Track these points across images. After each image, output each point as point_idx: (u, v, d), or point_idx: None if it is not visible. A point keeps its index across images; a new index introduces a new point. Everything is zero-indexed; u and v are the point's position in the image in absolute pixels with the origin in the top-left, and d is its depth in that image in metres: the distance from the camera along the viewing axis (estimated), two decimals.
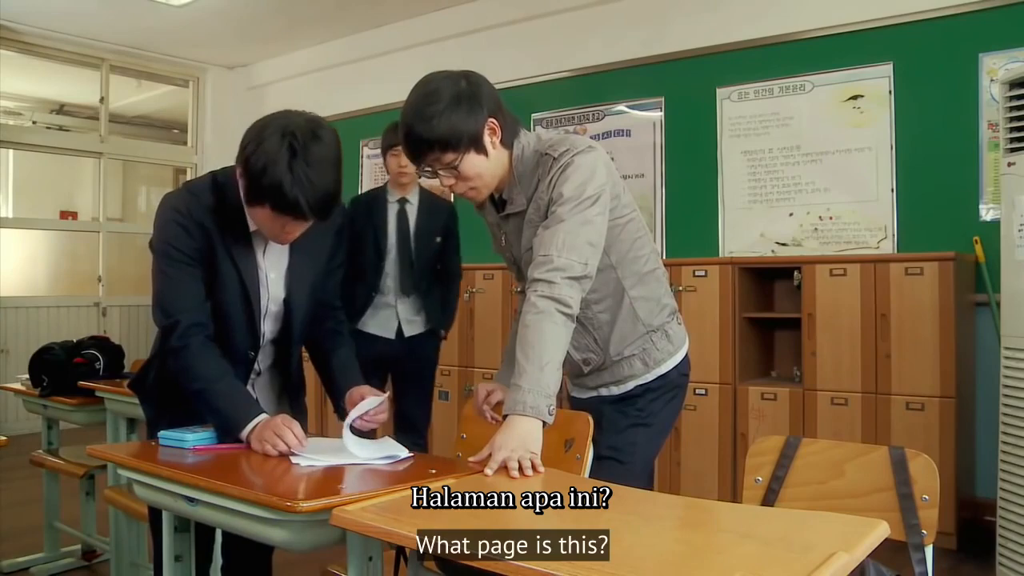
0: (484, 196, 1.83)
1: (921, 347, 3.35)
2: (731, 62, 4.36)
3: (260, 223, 1.74)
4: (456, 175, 1.74)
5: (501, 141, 1.77)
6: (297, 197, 1.61)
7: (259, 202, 1.66)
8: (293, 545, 1.35)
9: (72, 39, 6.05)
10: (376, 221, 3.36)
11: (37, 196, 7.48)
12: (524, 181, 1.79)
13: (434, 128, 1.68)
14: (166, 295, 1.74)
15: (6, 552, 3.17)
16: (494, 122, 1.75)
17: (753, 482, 1.64)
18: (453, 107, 1.69)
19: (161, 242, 1.74)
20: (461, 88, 1.73)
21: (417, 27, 5.59)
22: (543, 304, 1.61)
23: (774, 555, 1.06)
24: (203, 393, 1.71)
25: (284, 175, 1.60)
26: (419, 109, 1.70)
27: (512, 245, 1.90)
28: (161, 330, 1.76)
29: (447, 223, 3.46)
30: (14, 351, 5.75)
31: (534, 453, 1.51)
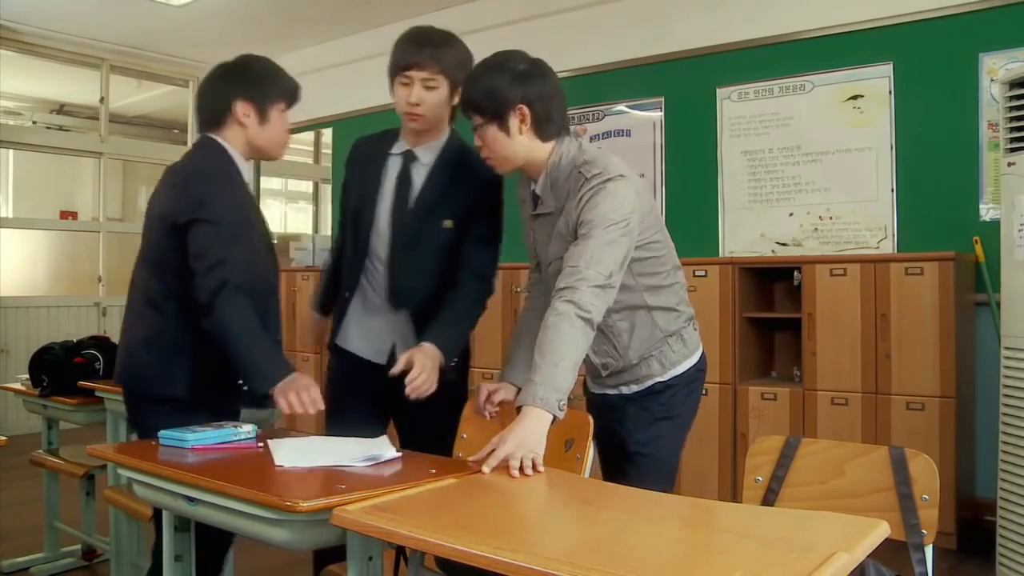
0: (504, 170, 1.97)
1: (921, 347, 3.35)
2: (731, 62, 4.36)
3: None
4: (482, 139, 1.91)
5: (533, 130, 1.86)
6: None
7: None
8: (293, 545, 1.35)
9: (72, 39, 6.05)
10: (366, 181, 2.21)
11: (37, 196, 7.48)
12: (556, 187, 1.87)
13: (470, 89, 1.90)
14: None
15: (6, 552, 3.17)
16: (524, 109, 1.83)
17: (753, 482, 1.64)
18: (494, 78, 1.86)
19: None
20: (515, 67, 1.86)
21: None
22: (563, 307, 1.68)
23: (774, 555, 1.06)
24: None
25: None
26: (477, 68, 1.93)
27: (538, 244, 1.99)
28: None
29: (474, 198, 2.16)
30: (14, 351, 5.75)
31: (536, 453, 1.53)
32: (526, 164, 1.91)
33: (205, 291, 1.90)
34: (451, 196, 2.14)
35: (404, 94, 2.10)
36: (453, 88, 2.08)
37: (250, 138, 2.09)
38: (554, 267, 1.87)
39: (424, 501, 1.33)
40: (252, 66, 2.13)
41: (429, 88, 2.07)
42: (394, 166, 2.18)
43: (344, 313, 2.23)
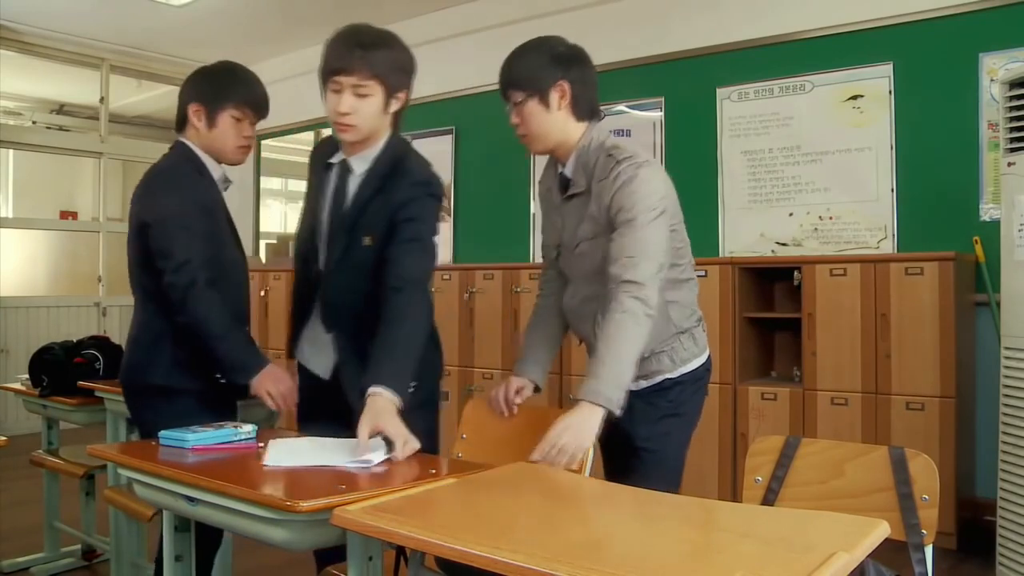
0: (535, 149, 1.97)
1: (921, 347, 3.35)
2: (731, 62, 4.36)
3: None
4: (520, 115, 1.91)
5: (570, 108, 1.90)
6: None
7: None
8: (293, 545, 1.35)
9: (72, 39, 6.05)
10: (312, 191, 2.14)
11: (37, 196, 7.48)
12: (586, 169, 1.90)
13: (511, 66, 1.91)
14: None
15: (6, 552, 3.17)
16: (566, 85, 1.88)
17: (753, 482, 1.64)
18: (536, 55, 1.90)
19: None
20: (557, 48, 1.92)
21: (417, 27, 5.58)
22: (631, 304, 1.74)
23: (774, 555, 1.06)
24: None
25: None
26: (517, 49, 1.94)
27: (565, 229, 1.97)
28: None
29: (398, 207, 1.96)
30: (14, 351, 5.74)
31: (586, 450, 1.68)
32: (558, 144, 1.94)
33: (176, 290, 1.99)
34: (373, 210, 1.97)
35: (333, 102, 1.91)
36: (389, 93, 1.92)
37: (201, 141, 2.16)
38: (583, 248, 1.91)
39: (424, 501, 1.33)
40: (213, 71, 2.19)
41: (361, 96, 1.89)
42: (332, 178, 2.07)
43: (297, 326, 2.14)
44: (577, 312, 2.01)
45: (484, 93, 5.36)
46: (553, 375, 4.39)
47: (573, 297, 2.02)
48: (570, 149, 1.93)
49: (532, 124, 1.91)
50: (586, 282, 1.96)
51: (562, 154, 1.95)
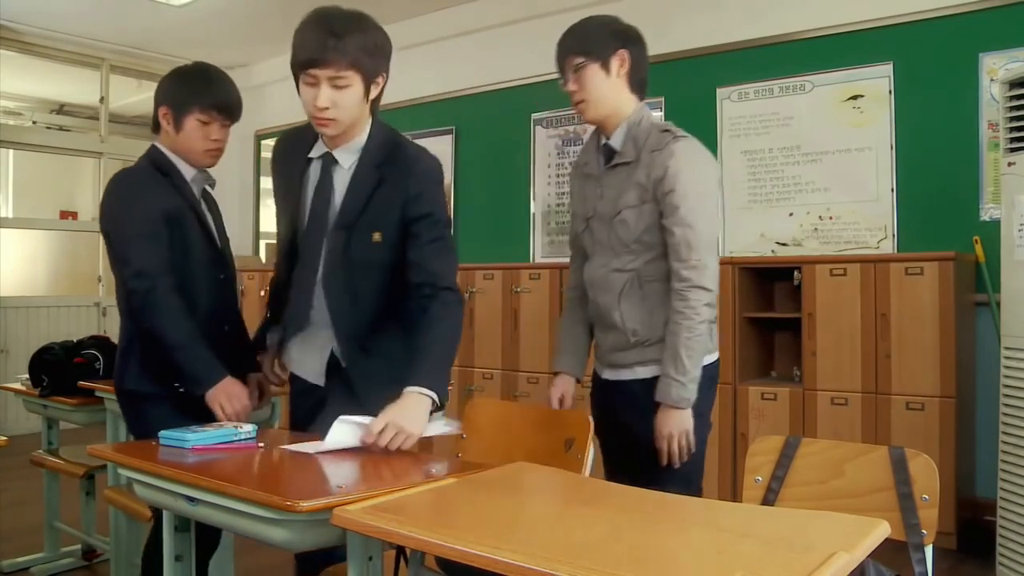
0: (589, 116, 2.02)
1: (921, 347, 3.35)
2: (731, 62, 4.36)
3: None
4: (578, 81, 1.98)
5: (627, 77, 2.00)
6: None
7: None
8: (294, 545, 1.35)
9: (72, 39, 6.05)
10: (288, 190, 2.00)
11: (37, 196, 7.48)
12: (636, 141, 1.98)
13: (576, 32, 2.02)
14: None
15: (6, 552, 3.17)
16: (625, 53, 1.99)
17: (753, 482, 1.64)
18: (598, 26, 2.02)
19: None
20: (617, 23, 2.05)
21: (417, 27, 5.59)
22: (707, 313, 1.90)
23: (774, 555, 1.06)
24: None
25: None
26: (578, 22, 2.05)
27: (604, 198, 2.02)
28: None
29: (409, 201, 1.88)
30: (14, 351, 5.74)
31: (691, 433, 1.92)
32: (611, 113, 2.01)
33: (135, 297, 1.99)
34: (379, 204, 1.87)
35: (310, 96, 1.79)
36: (368, 80, 1.82)
37: (172, 143, 2.14)
38: (625, 215, 1.96)
39: (424, 501, 1.33)
40: (182, 72, 2.16)
41: (339, 88, 1.78)
42: (315, 172, 1.94)
43: (285, 336, 2.06)
44: (602, 282, 2.02)
45: (484, 93, 5.37)
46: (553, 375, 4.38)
47: (601, 267, 2.03)
48: (619, 120, 2.01)
49: (591, 88, 1.97)
50: (615, 254, 2.00)
51: (611, 124, 2.02)
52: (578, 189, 2.15)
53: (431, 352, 1.79)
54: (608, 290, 2.01)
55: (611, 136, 2.02)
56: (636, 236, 1.95)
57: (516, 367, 4.52)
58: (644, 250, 1.96)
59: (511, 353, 4.55)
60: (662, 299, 1.95)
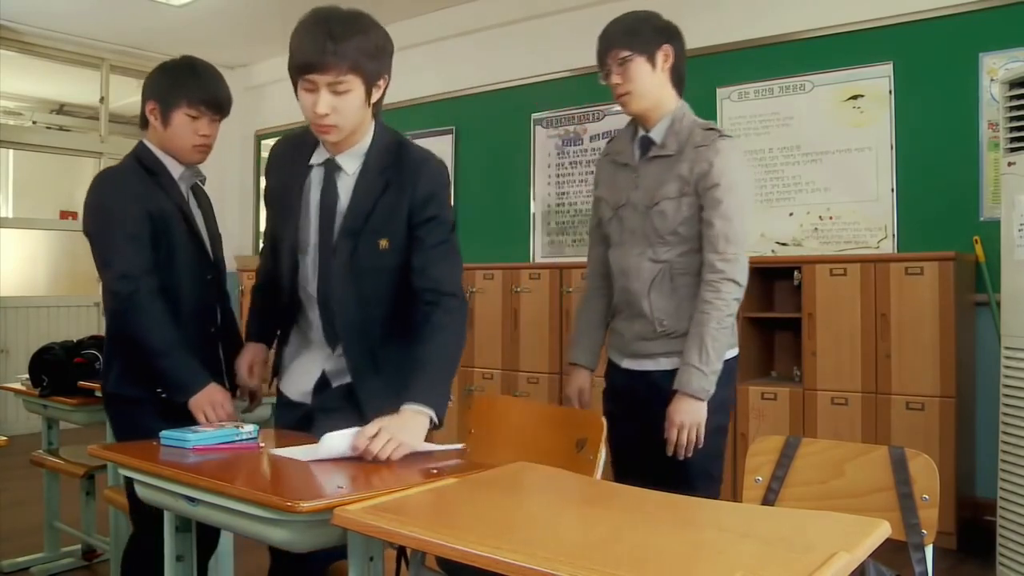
0: (633, 108, 2.05)
1: (921, 347, 3.35)
2: (731, 62, 4.36)
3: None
4: (623, 74, 2.01)
5: (670, 72, 2.06)
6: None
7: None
8: (294, 545, 1.35)
9: (72, 39, 6.05)
10: (287, 197, 1.90)
11: (37, 196, 7.48)
12: (679, 135, 2.03)
13: (622, 26, 2.03)
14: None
15: (6, 552, 3.17)
16: (669, 48, 2.04)
17: (753, 482, 1.64)
18: (643, 21, 2.04)
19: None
20: (659, 19, 2.08)
21: (417, 27, 5.59)
22: (734, 307, 1.95)
23: (774, 555, 1.06)
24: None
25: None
26: (621, 16, 2.06)
27: (639, 188, 2.05)
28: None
29: (416, 204, 1.83)
30: (14, 351, 5.75)
31: (702, 426, 1.92)
32: (653, 106, 2.04)
33: (117, 299, 1.96)
34: (386, 210, 1.81)
35: (309, 102, 1.72)
36: (369, 84, 1.75)
37: (160, 139, 2.09)
38: (664, 206, 2.00)
39: (425, 501, 1.33)
40: (170, 67, 2.11)
41: (339, 93, 1.71)
42: (317, 178, 1.86)
43: (281, 354, 2.00)
44: (634, 271, 2.05)
45: (484, 93, 5.37)
46: (553, 375, 4.39)
47: (634, 256, 2.06)
48: (661, 114, 2.05)
49: (637, 81, 2.01)
50: (648, 243, 2.03)
51: (652, 118, 2.06)
52: (608, 177, 2.17)
53: (431, 366, 1.73)
54: (639, 278, 2.04)
55: (651, 129, 2.07)
56: (672, 228, 2.00)
57: (516, 367, 4.52)
58: (679, 242, 2.00)
59: (511, 353, 4.55)
60: (691, 293, 1.99)
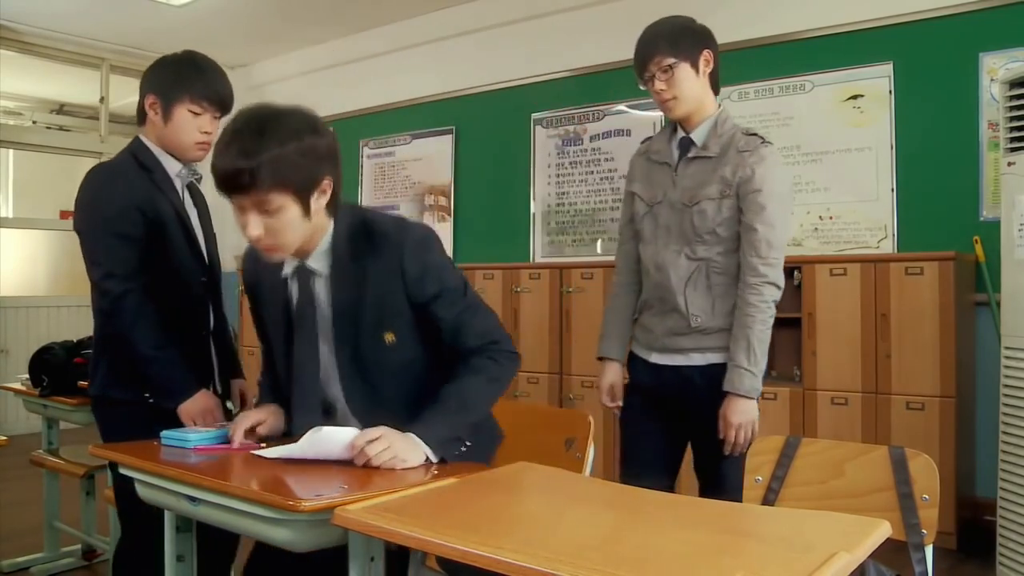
0: (678, 113, 2.09)
1: (921, 347, 3.35)
2: (731, 62, 4.32)
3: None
4: (667, 81, 2.05)
5: (710, 77, 2.11)
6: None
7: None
8: (295, 545, 1.35)
9: (72, 39, 6.05)
10: (274, 313, 1.78)
11: (37, 196, 7.48)
12: (721, 138, 2.07)
13: (665, 33, 2.09)
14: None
15: (6, 552, 3.17)
16: (709, 55, 2.10)
17: (753, 482, 1.64)
18: (682, 28, 2.12)
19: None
20: (695, 23, 2.16)
21: (417, 27, 5.60)
22: (774, 309, 2.01)
23: (774, 555, 1.06)
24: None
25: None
26: (659, 20, 2.15)
27: (678, 187, 2.09)
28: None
29: (412, 288, 1.64)
30: (14, 351, 5.75)
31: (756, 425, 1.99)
32: (696, 109, 2.09)
33: (105, 300, 1.92)
34: (375, 300, 1.63)
35: (241, 224, 1.55)
36: (303, 195, 1.54)
37: (159, 135, 2.04)
38: (704, 206, 2.04)
39: (425, 501, 1.33)
40: (172, 60, 2.06)
41: (269, 212, 1.53)
42: (294, 289, 1.71)
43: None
44: (671, 266, 2.09)
45: (484, 93, 5.37)
46: (553, 375, 4.39)
47: (671, 252, 2.10)
48: (702, 117, 2.10)
49: (683, 86, 2.06)
50: (686, 241, 2.07)
51: (694, 120, 2.10)
52: (644, 174, 2.21)
53: (443, 404, 1.58)
54: (676, 274, 2.08)
55: (692, 130, 2.11)
56: (711, 228, 2.05)
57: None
58: (716, 242, 2.05)
59: None
60: (725, 291, 2.05)
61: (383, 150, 5.98)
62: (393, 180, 5.90)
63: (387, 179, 5.95)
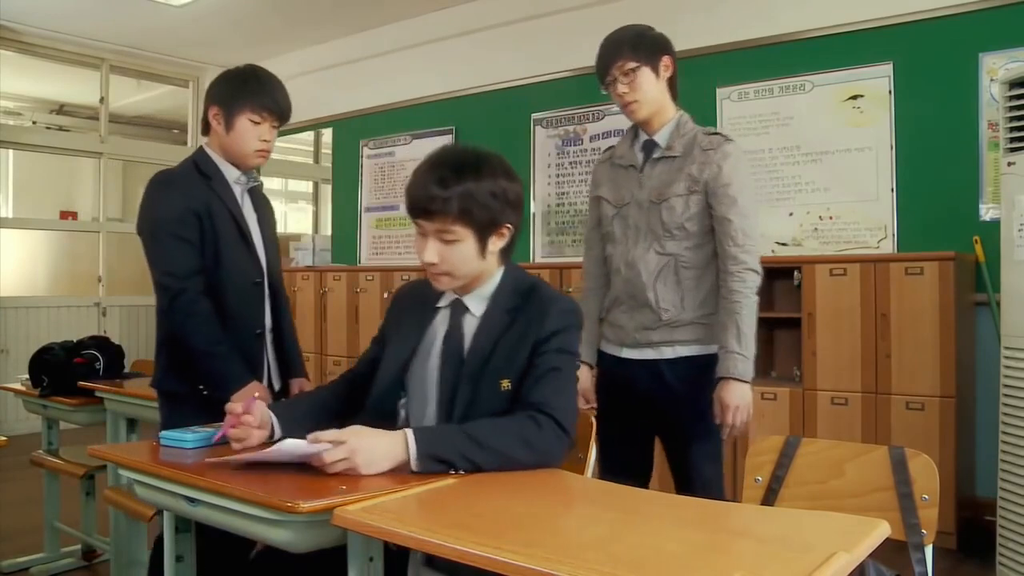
0: (640, 115, 2.17)
1: (921, 347, 3.35)
2: (731, 62, 4.36)
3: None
4: (630, 84, 2.14)
5: (669, 82, 2.20)
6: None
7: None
8: (294, 545, 1.35)
9: (72, 39, 6.05)
10: (407, 332, 1.79)
11: (37, 196, 7.48)
12: (684, 138, 2.16)
13: (627, 39, 2.19)
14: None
15: (6, 552, 3.17)
16: (669, 60, 2.19)
17: (753, 482, 1.64)
18: (643, 35, 2.21)
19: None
20: (654, 30, 2.26)
21: (417, 27, 5.60)
22: (752, 280, 2.08)
23: (774, 555, 1.06)
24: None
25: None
26: (621, 29, 2.26)
27: (644, 188, 2.17)
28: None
29: (544, 340, 1.64)
30: (14, 351, 5.75)
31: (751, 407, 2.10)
32: (656, 112, 2.18)
33: (164, 297, 2.04)
34: (506, 348, 1.65)
35: (419, 247, 1.65)
36: (482, 233, 1.62)
37: (221, 144, 2.16)
38: (673, 203, 2.12)
39: (424, 501, 1.33)
40: (234, 73, 2.19)
41: (447, 242, 1.62)
42: (442, 320, 1.75)
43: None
44: (640, 262, 2.15)
45: (484, 93, 5.37)
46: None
47: (641, 250, 2.16)
48: (664, 120, 2.19)
49: (645, 90, 2.15)
50: (655, 237, 2.14)
51: (656, 123, 2.19)
52: (609, 178, 2.28)
53: (465, 428, 1.51)
54: (646, 270, 2.15)
55: (654, 133, 2.19)
56: (680, 223, 2.11)
57: None
58: (685, 237, 2.12)
59: None
60: (693, 285, 2.12)
61: (383, 150, 5.98)
62: (393, 180, 5.90)
63: (387, 179, 5.95)
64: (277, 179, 7.86)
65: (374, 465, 1.43)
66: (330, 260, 6.15)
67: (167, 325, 2.08)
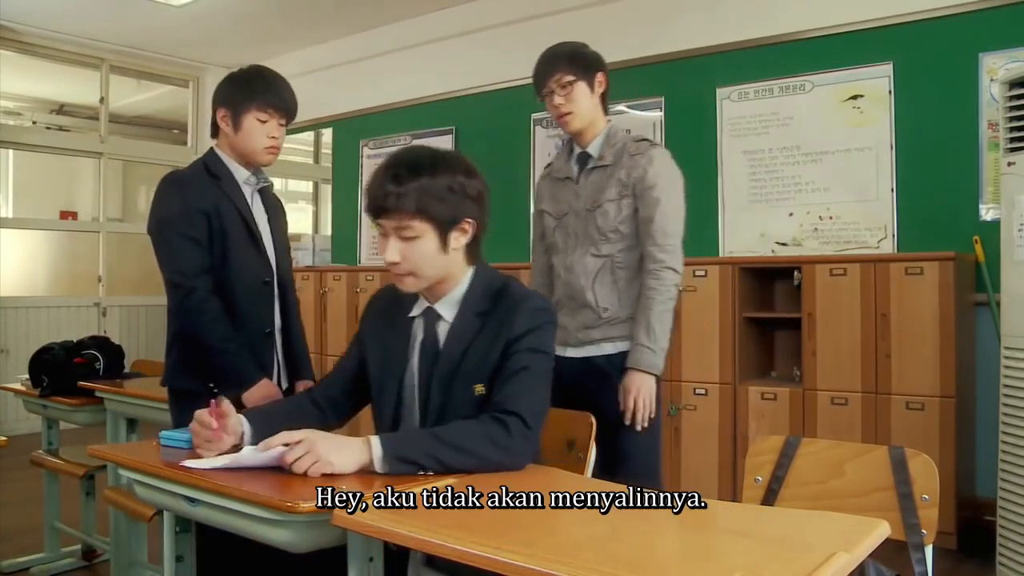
0: (573, 127, 2.28)
1: (921, 347, 3.35)
2: (731, 62, 4.36)
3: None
4: (566, 96, 2.24)
5: (601, 97, 2.31)
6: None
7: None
8: (294, 545, 1.35)
9: (72, 39, 6.05)
10: (385, 345, 1.77)
11: (37, 196, 7.48)
12: (614, 148, 2.27)
13: (565, 53, 2.27)
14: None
15: (6, 552, 3.17)
16: (603, 76, 2.31)
17: (753, 482, 1.64)
18: (579, 52, 2.29)
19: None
20: (590, 48, 2.33)
21: (417, 27, 5.60)
22: (675, 292, 2.18)
23: (774, 555, 1.06)
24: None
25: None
26: (558, 45, 2.32)
27: (580, 197, 2.28)
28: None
29: (515, 340, 1.63)
30: (14, 351, 5.75)
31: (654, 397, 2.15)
32: (589, 125, 2.29)
33: (174, 296, 2.06)
34: (478, 351, 1.64)
35: (381, 248, 1.64)
36: (442, 228, 1.61)
37: (231, 144, 2.19)
38: (607, 208, 2.23)
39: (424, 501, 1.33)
40: (239, 75, 2.22)
41: (406, 239, 1.60)
42: (418, 330, 1.73)
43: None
44: (579, 266, 2.27)
45: (484, 93, 5.37)
46: None
47: (579, 254, 2.27)
48: (595, 132, 2.30)
49: (580, 103, 2.25)
50: (592, 242, 2.25)
51: (588, 136, 2.30)
52: (550, 192, 2.41)
53: (432, 430, 1.52)
54: (584, 272, 2.26)
55: (587, 145, 2.31)
56: (614, 226, 2.23)
57: None
58: (619, 239, 2.24)
59: None
60: (628, 285, 2.24)
61: (383, 150, 5.98)
62: None
63: None
64: (277, 179, 7.85)
65: (338, 453, 1.43)
66: (330, 260, 6.15)
67: (178, 323, 2.10)
